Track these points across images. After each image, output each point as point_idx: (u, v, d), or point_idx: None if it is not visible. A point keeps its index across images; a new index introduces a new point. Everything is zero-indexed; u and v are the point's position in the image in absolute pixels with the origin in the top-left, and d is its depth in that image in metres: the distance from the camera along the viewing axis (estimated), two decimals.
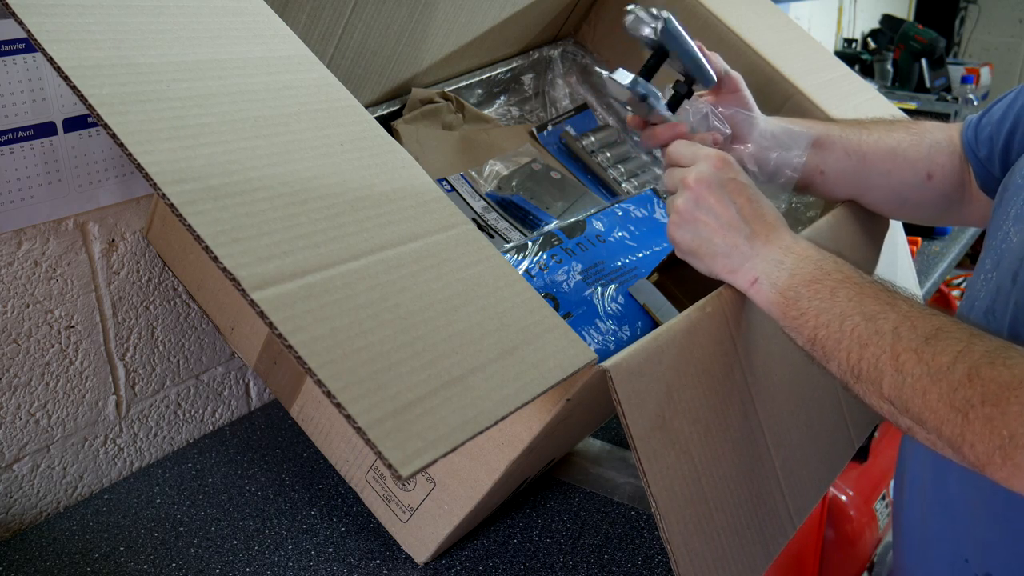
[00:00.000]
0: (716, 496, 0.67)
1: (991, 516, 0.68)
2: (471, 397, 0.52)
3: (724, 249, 0.69)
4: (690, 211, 0.70)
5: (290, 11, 0.82)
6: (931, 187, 0.86)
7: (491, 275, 0.61)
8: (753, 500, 0.71)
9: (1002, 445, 0.50)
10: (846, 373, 0.60)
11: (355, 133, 0.64)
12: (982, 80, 2.74)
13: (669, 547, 0.62)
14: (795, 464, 0.77)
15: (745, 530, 0.70)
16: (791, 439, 0.77)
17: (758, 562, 0.71)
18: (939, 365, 0.54)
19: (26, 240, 0.82)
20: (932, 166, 0.86)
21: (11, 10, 0.55)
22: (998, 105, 0.81)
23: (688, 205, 0.70)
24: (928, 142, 0.86)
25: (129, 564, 0.80)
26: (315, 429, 0.84)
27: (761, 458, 0.73)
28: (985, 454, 0.52)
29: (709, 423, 0.67)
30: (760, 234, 0.68)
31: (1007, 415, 0.50)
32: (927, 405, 0.54)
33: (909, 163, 0.86)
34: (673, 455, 0.64)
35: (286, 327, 0.48)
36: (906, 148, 0.86)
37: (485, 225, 0.98)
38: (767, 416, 0.74)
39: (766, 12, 1.20)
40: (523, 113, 1.21)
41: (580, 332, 0.78)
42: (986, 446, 0.51)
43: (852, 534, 1.36)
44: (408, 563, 0.80)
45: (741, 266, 0.68)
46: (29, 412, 0.85)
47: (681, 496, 0.64)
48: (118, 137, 0.52)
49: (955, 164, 0.85)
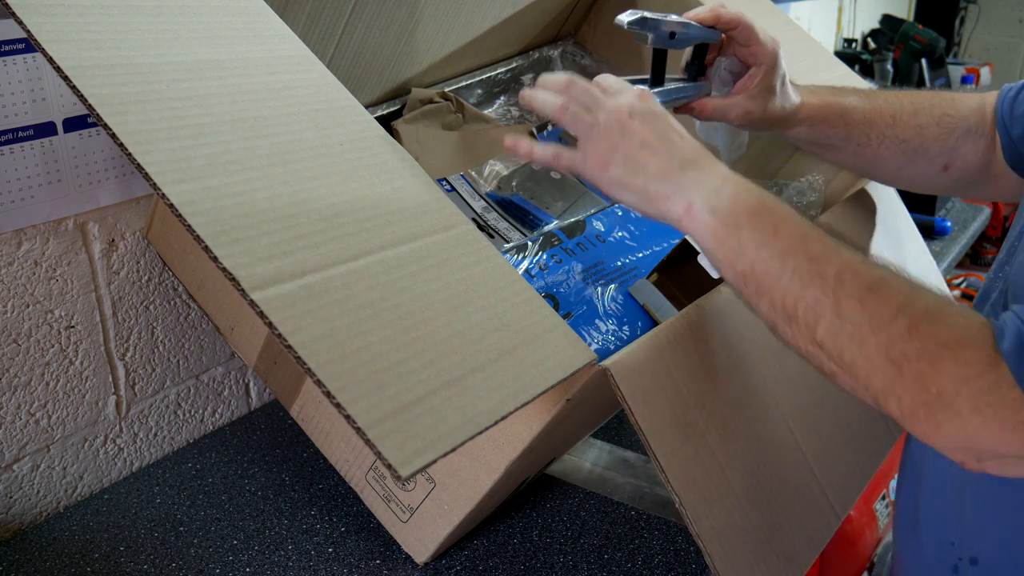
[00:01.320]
0: (746, 489, 0.66)
1: (977, 500, 0.68)
2: (471, 397, 0.52)
3: (656, 174, 0.63)
4: (615, 139, 0.64)
5: (290, 11, 0.82)
6: (946, 176, 0.84)
7: (491, 275, 0.60)
8: (788, 492, 0.70)
9: (928, 402, 0.51)
10: (777, 312, 0.57)
11: (355, 133, 0.64)
12: (982, 80, 2.74)
13: (701, 544, 0.61)
14: (828, 454, 0.76)
15: (784, 523, 0.69)
16: (820, 429, 0.76)
17: (803, 555, 0.70)
18: (881, 316, 0.53)
19: (26, 240, 0.82)
20: (953, 157, 0.83)
21: (11, 10, 0.55)
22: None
23: (612, 133, 0.64)
24: (959, 132, 0.82)
25: (129, 564, 0.80)
26: (315, 429, 0.84)
27: (790, 449, 0.72)
28: (910, 408, 0.52)
29: (726, 417, 0.67)
30: (693, 161, 0.63)
31: (940, 374, 0.51)
32: (863, 353, 0.53)
33: (928, 159, 0.83)
34: (691, 449, 0.63)
35: (286, 327, 0.48)
36: (930, 145, 0.83)
37: (485, 225, 0.98)
38: (789, 408, 0.73)
39: (766, 12, 1.20)
40: (523, 113, 1.21)
41: (580, 332, 0.79)
42: (913, 400, 0.52)
43: (852, 534, 1.36)
44: (408, 563, 0.80)
45: (675, 193, 0.62)
46: (29, 412, 0.85)
47: (707, 490, 0.63)
48: (118, 137, 0.52)
49: (979, 148, 0.82)
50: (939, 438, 0.52)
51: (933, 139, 0.83)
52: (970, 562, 0.69)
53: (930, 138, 0.83)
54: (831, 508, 0.74)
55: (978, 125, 0.82)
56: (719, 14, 0.79)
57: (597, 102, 0.66)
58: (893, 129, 0.83)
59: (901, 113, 0.84)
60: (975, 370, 0.50)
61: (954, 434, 0.52)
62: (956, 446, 0.53)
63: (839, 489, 0.76)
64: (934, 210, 1.81)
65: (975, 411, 0.50)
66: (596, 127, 0.65)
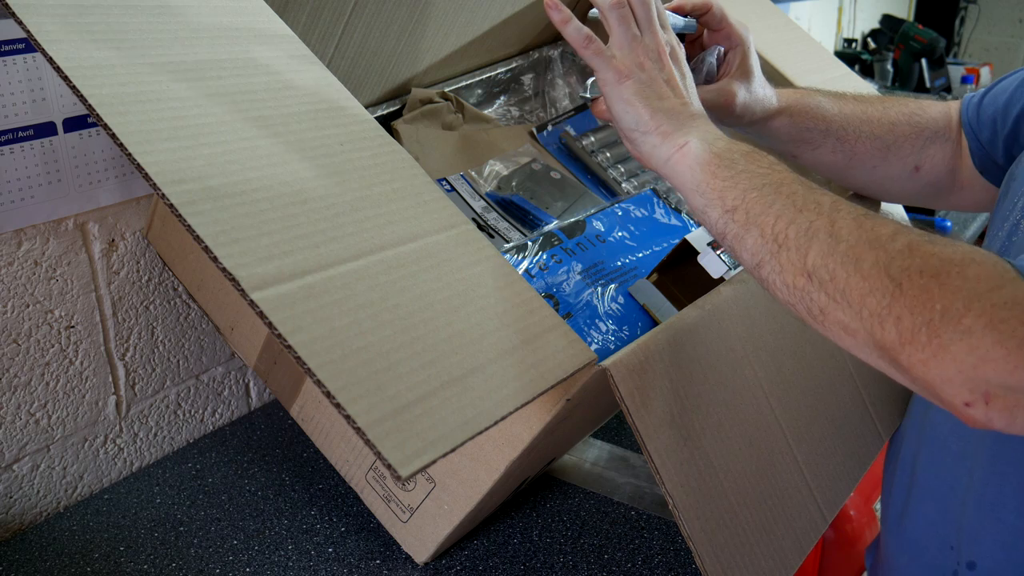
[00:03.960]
0: (737, 492, 0.66)
1: (979, 504, 0.68)
2: (471, 397, 0.52)
3: (666, 109, 0.64)
4: (646, 60, 0.66)
5: (290, 11, 0.83)
6: (917, 178, 0.85)
7: (491, 275, 0.61)
8: (778, 495, 0.71)
9: (931, 320, 0.45)
10: (768, 241, 0.54)
11: (355, 133, 0.64)
12: (982, 80, 2.74)
13: (692, 545, 0.61)
14: (820, 458, 0.77)
15: (773, 526, 0.69)
16: (812, 433, 0.77)
17: (790, 558, 0.70)
18: (879, 234, 0.50)
19: (26, 240, 0.82)
20: (922, 158, 0.83)
21: (11, 10, 0.55)
22: (1002, 85, 0.78)
23: (648, 54, 0.66)
24: (927, 134, 0.83)
25: (129, 564, 0.80)
26: (315, 429, 0.84)
27: (782, 452, 0.72)
28: (910, 329, 0.46)
29: (721, 419, 0.67)
30: (702, 116, 0.65)
31: (945, 287, 0.45)
32: (859, 271, 0.49)
33: (900, 158, 0.84)
34: (687, 451, 0.63)
35: (286, 327, 0.48)
36: (902, 144, 0.84)
37: (485, 225, 0.98)
38: (783, 411, 0.74)
39: (766, 12, 1.20)
40: (523, 113, 1.21)
41: (580, 332, 0.79)
42: (914, 320, 0.46)
43: (852, 534, 1.36)
44: (408, 563, 0.80)
45: (675, 131, 0.63)
46: (29, 412, 0.85)
47: (699, 492, 0.63)
48: (118, 137, 0.52)
49: (947, 153, 0.83)
50: (943, 365, 0.45)
51: (904, 137, 0.83)
52: (967, 567, 0.69)
53: (902, 136, 0.83)
54: (819, 511, 0.75)
55: (945, 130, 0.83)
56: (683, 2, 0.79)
57: (650, 22, 0.68)
58: (868, 125, 0.84)
59: (871, 111, 0.85)
60: (988, 284, 0.44)
61: (961, 357, 0.44)
62: (962, 375, 0.44)
63: (828, 492, 0.77)
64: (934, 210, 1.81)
65: (989, 327, 0.43)
66: (637, 40, 0.67)
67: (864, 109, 0.85)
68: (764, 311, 0.76)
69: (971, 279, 0.45)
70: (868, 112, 0.85)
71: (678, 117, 0.64)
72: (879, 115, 0.85)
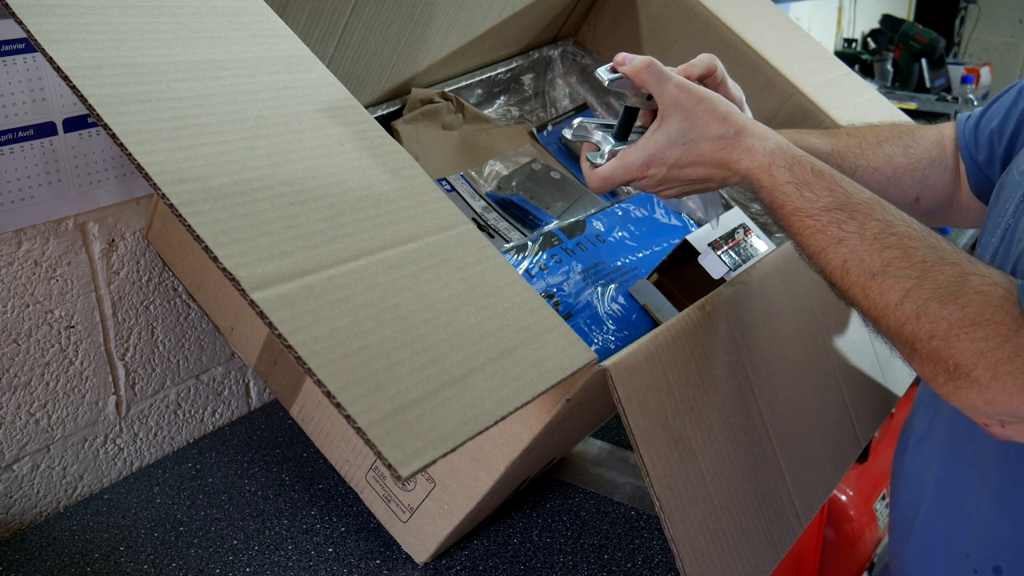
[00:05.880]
0: (721, 495, 0.67)
1: (1001, 508, 0.68)
2: (471, 397, 0.52)
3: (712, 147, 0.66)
4: (662, 180, 0.68)
5: (290, 11, 0.82)
6: (917, 208, 0.84)
7: (491, 275, 0.60)
8: (759, 499, 0.71)
9: (946, 370, 0.53)
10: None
11: (355, 133, 0.64)
12: (982, 80, 2.74)
13: (675, 547, 0.62)
14: (801, 463, 0.77)
15: (752, 529, 0.70)
16: (796, 438, 0.77)
17: (765, 561, 0.70)
18: (887, 303, 0.56)
19: (26, 240, 0.82)
20: (923, 189, 0.83)
21: (11, 10, 0.55)
22: (997, 105, 0.79)
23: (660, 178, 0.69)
24: (924, 163, 0.83)
25: (129, 564, 0.80)
26: (315, 429, 0.84)
27: (766, 457, 0.73)
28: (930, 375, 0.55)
29: (712, 422, 0.67)
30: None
31: (954, 348, 0.52)
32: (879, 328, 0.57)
33: (900, 190, 0.83)
34: (676, 454, 0.64)
35: (286, 327, 0.48)
36: (901, 175, 0.83)
37: (485, 225, 0.98)
38: (771, 415, 0.74)
39: (766, 12, 1.20)
40: (523, 113, 1.21)
41: (580, 332, 0.79)
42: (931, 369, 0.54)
43: (852, 534, 1.36)
44: (408, 563, 0.80)
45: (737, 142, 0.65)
46: (29, 412, 0.85)
47: (685, 495, 0.64)
48: (118, 137, 0.52)
49: (945, 180, 0.83)
50: (961, 401, 0.54)
51: (903, 170, 0.83)
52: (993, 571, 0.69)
53: (900, 168, 0.83)
54: (796, 516, 0.75)
55: (940, 158, 0.83)
56: (691, 70, 0.75)
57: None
58: (863, 158, 0.83)
59: (865, 144, 0.84)
60: (992, 344, 0.51)
61: (973, 399, 0.53)
62: (977, 410, 0.54)
63: (806, 498, 0.77)
64: None
65: (994, 379, 0.51)
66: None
67: (858, 143, 0.84)
68: (761, 313, 0.76)
69: (979, 340, 0.52)
70: (863, 144, 0.84)
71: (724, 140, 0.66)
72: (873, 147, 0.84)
